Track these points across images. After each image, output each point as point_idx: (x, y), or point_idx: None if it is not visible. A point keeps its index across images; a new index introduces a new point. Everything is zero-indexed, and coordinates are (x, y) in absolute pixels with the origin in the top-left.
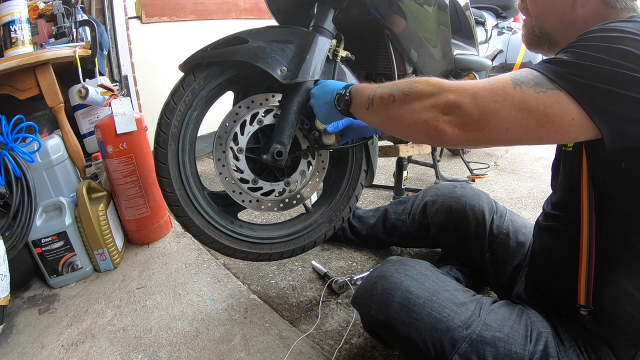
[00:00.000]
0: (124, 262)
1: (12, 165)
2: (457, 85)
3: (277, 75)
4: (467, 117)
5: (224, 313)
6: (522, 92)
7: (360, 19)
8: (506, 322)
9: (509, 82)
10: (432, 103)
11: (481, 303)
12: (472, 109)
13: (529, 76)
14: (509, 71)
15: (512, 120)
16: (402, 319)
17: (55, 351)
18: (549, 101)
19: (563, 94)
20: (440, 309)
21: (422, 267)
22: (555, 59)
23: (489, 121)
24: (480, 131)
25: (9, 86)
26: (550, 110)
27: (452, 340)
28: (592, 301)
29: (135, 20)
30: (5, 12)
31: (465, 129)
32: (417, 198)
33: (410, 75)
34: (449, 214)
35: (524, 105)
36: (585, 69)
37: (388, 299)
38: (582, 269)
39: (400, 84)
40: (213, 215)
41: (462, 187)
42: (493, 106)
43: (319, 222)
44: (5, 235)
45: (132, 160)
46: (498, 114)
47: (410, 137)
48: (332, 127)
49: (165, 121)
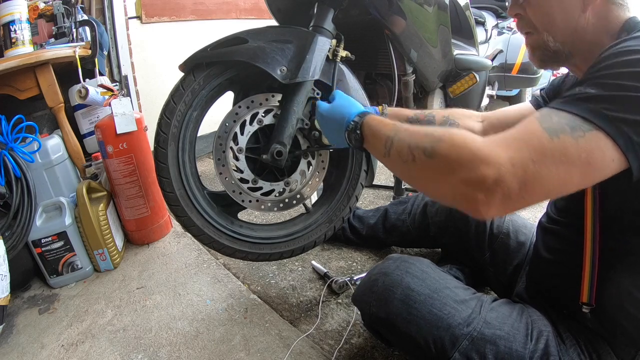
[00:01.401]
0: (124, 262)
1: (12, 165)
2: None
3: (276, 75)
4: (507, 192)
5: (224, 313)
6: (560, 143)
7: (360, 19)
8: (507, 320)
9: (543, 133)
10: (462, 178)
11: (482, 301)
12: (511, 181)
13: (562, 121)
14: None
15: (554, 178)
16: (402, 316)
17: (55, 351)
18: (589, 146)
19: (601, 134)
20: (441, 307)
21: (423, 265)
22: (582, 94)
23: (530, 189)
24: (520, 202)
25: (9, 86)
26: (592, 157)
27: (452, 337)
28: (595, 299)
29: (135, 20)
30: (5, 12)
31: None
32: (417, 198)
33: (411, 76)
34: (448, 214)
35: (565, 157)
36: (619, 101)
37: (389, 295)
38: (585, 267)
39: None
40: (213, 215)
41: None
42: (533, 169)
43: (319, 222)
44: (5, 235)
45: (132, 160)
46: (540, 179)
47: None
48: None
49: (165, 121)
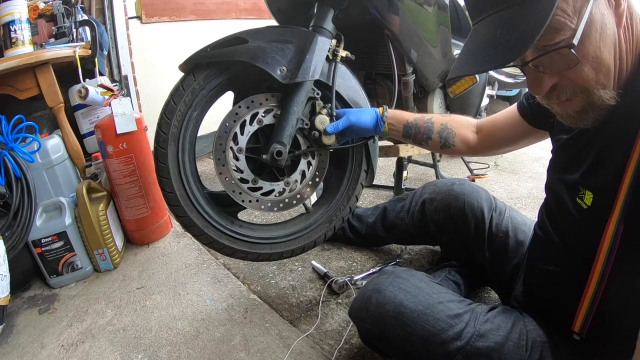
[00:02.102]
0: (124, 262)
1: (12, 165)
2: None
3: (276, 75)
4: None
5: (224, 313)
6: None
7: (360, 19)
8: (501, 332)
9: None
10: None
11: (477, 313)
12: None
13: None
14: None
15: None
16: (396, 333)
17: (55, 351)
18: None
19: None
20: (433, 322)
21: (416, 280)
22: None
23: None
24: None
25: (9, 86)
26: None
27: (446, 352)
28: (587, 332)
29: (135, 20)
30: (5, 12)
31: None
32: (415, 195)
33: (411, 76)
34: (447, 212)
35: None
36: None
37: (382, 313)
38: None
39: None
40: (213, 215)
41: (461, 184)
42: None
43: (319, 222)
44: (5, 235)
45: (132, 160)
46: None
47: None
48: (332, 128)
49: (165, 121)
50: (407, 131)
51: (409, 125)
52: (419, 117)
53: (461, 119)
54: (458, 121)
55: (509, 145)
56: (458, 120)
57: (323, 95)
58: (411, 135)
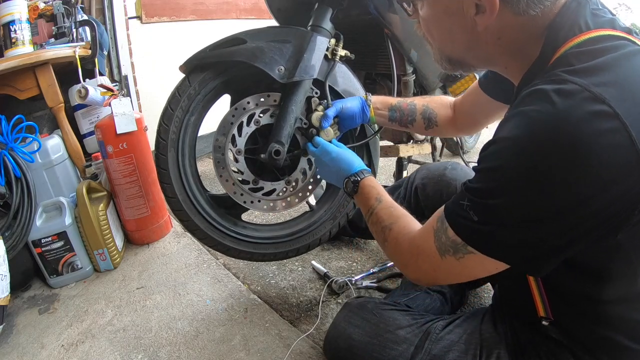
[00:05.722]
0: (124, 262)
1: (12, 165)
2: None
3: (274, 74)
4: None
5: (224, 313)
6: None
7: (360, 19)
8: (455, 347)
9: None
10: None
11: (429, 333)
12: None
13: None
14: None
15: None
16: None
17: (55, 351)
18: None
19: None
20: (380, 350)
21: (365, 312)
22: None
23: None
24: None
25: (9, 86)
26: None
27: None
28: (551, 313)
29: (135, 20)
30: (5, 12)
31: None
32: (409, 180)
33: (411, 76)
34: (439, 199)
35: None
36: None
37: (337, 346)
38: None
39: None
40: (216, 217)
41: (453, 169)
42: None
43: (323, 220)
44: (5, 235)
45: (132, 160)
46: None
47: None
48: (325, 123)
49: (163, 128)
50: (392, 114)
51: (394, 107)
52: (402, 100)
53: (440, 98)
54: (437, 101)
55: (483, 121)
56: (437, 100)
57: (322, 94)
58: (397, 119)
